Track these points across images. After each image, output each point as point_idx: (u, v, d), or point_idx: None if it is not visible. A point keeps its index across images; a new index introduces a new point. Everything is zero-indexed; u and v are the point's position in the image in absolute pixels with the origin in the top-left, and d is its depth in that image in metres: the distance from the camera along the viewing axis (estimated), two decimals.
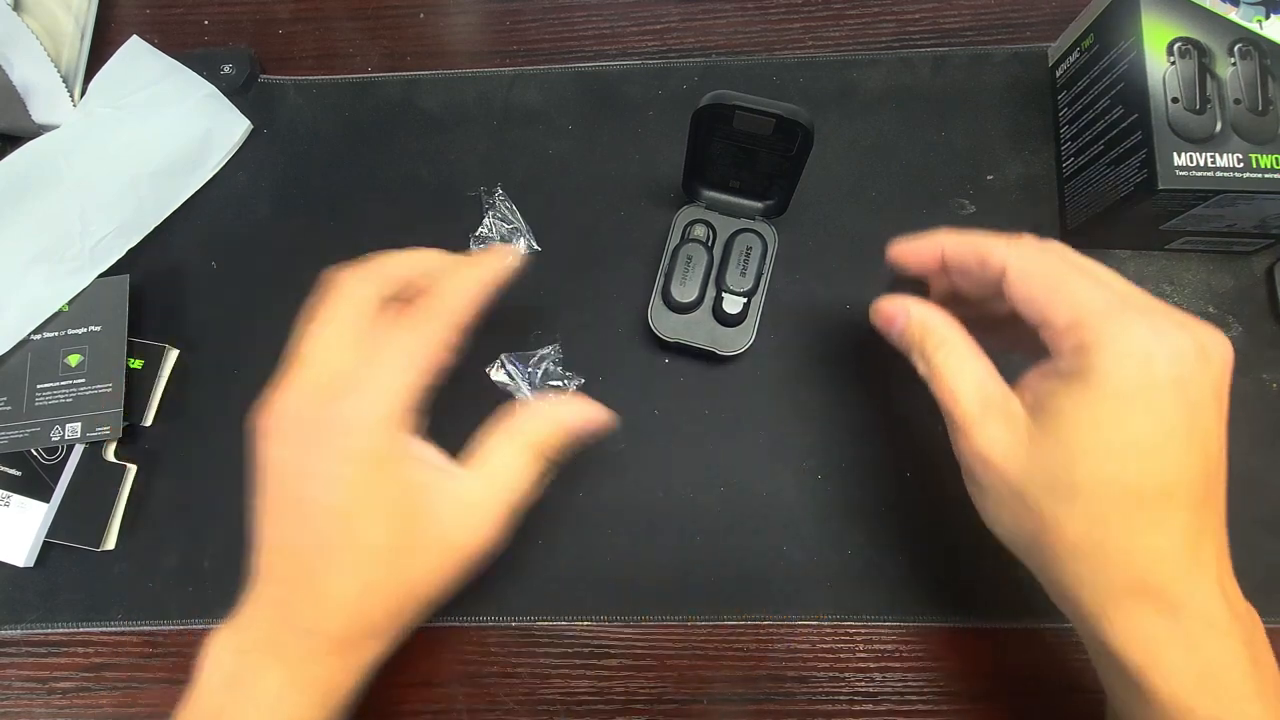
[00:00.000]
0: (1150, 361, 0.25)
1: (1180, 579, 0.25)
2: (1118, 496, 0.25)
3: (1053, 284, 0.27)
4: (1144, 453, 0.25)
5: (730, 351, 0.41)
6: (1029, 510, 0.27)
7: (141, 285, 0.45)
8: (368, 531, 0.29)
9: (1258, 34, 0.38)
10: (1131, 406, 0.25)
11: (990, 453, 0.27)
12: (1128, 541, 0.25)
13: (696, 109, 0.36)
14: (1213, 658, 0.25)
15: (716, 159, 0.40)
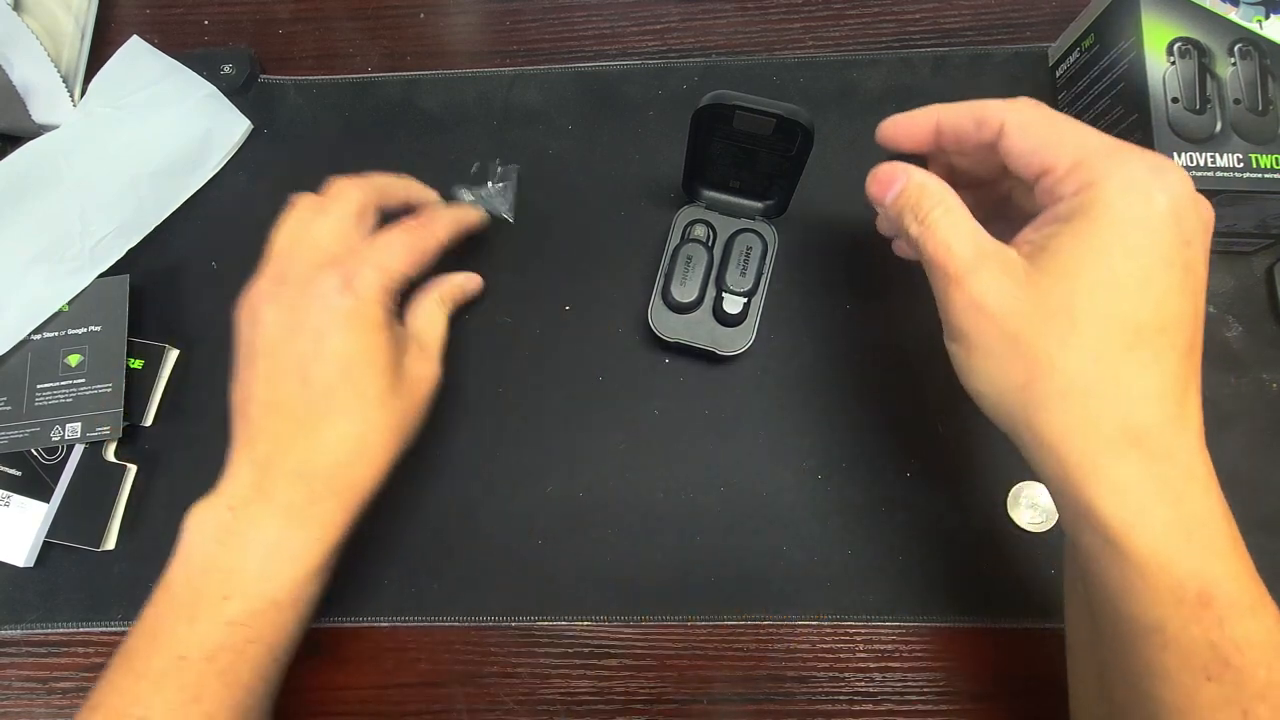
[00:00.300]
0: (1151, 193, 0.25)
1: (1168, 425, 0.25)
2: (1117, 330, 0.25)
3: (1053, 131, 0.27)
4: (1143, 284, 0.25)
5: (730, 351, 0.41)
6: (1021, 355, 0.26)
7: (141, 285, 0.45)
8: (365, 377, 0.33)
9: (1258, 34, 0.38)
10: (1134, 236, 0.25)
11: (985, 298, 0.27)
12: (1123, 379, 0.25)
13: (696, 109, 0.36)
14: (1194, 511, 0.25)
15: (717, 159, 0.40)
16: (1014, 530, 0.40)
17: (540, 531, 0.41)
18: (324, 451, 0.33)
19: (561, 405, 0.43)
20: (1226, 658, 0.24)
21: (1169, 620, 0.25)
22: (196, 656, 0.31)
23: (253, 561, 0.32)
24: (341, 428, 0.33)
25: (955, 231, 0.28)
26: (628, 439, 0.42)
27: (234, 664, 0.31)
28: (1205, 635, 0.24)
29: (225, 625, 0.31)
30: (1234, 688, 0.24)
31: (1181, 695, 0.25)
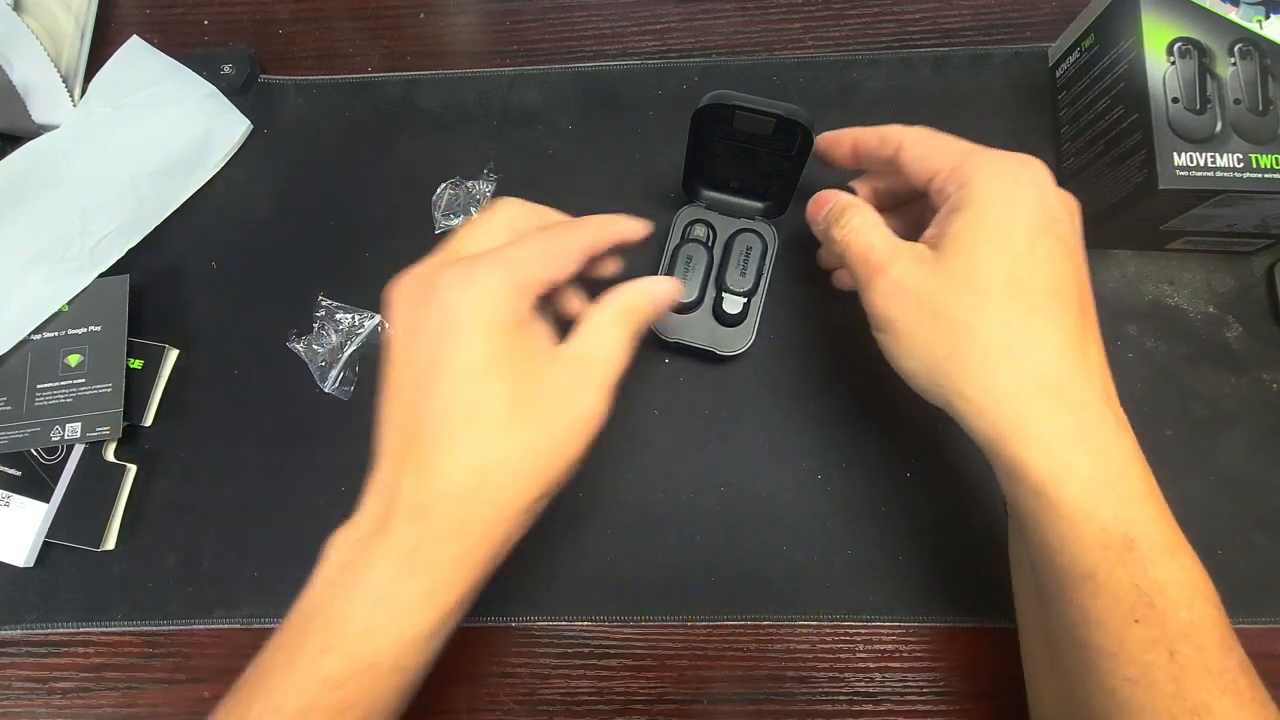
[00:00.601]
0: (1017, 179, 0.30)
1: (1076, 378, 0.28)
2: (1016, 295, 0.28)
3: (937, 143, 0.33)
4: (1027, 251, 0.29)
5: (730, 351, 0.41)
6: (943, 328, 0.29)
7: (141, 285, 0.45)
8: (487, 393, 0.27)
9: (1258, 34, 0.38)
10: (1010, 214, 0.29)
11: (906, 280, 0.31)
12: (1031, 338, 0.28)
13: (696, 109, 0.36)
14: (1112, 459, 0.27)
15: (716, 159, 0.40)
16: None
17: (540, 531, 0.41)
18: (438, 483, 0.27)
19: None
20: (1151, 599, 0.26)
21: (1098, 566, 0.27)
22: (289, 711, 0.27)
23: (359, 610, 0.27)
24: (460, 455, 0.27)
25: (873, 233, 0.33)
26: (628, 439, 0.42)
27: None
28: (1130, 578, 0.26)
29: (319, 683, 0.27)
30: (1159, 628, 0.26)
31: (1112, 640, 0.27)
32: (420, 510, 0.27)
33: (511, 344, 0.28)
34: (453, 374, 0.28)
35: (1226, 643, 0.26)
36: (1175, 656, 0.26)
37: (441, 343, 0.28)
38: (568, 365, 0.29)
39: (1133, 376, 0.42)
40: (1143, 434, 0.41)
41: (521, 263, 0.29)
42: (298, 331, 0.44)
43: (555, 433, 0.29)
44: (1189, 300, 0.43)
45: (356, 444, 0.42)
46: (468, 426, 0.27)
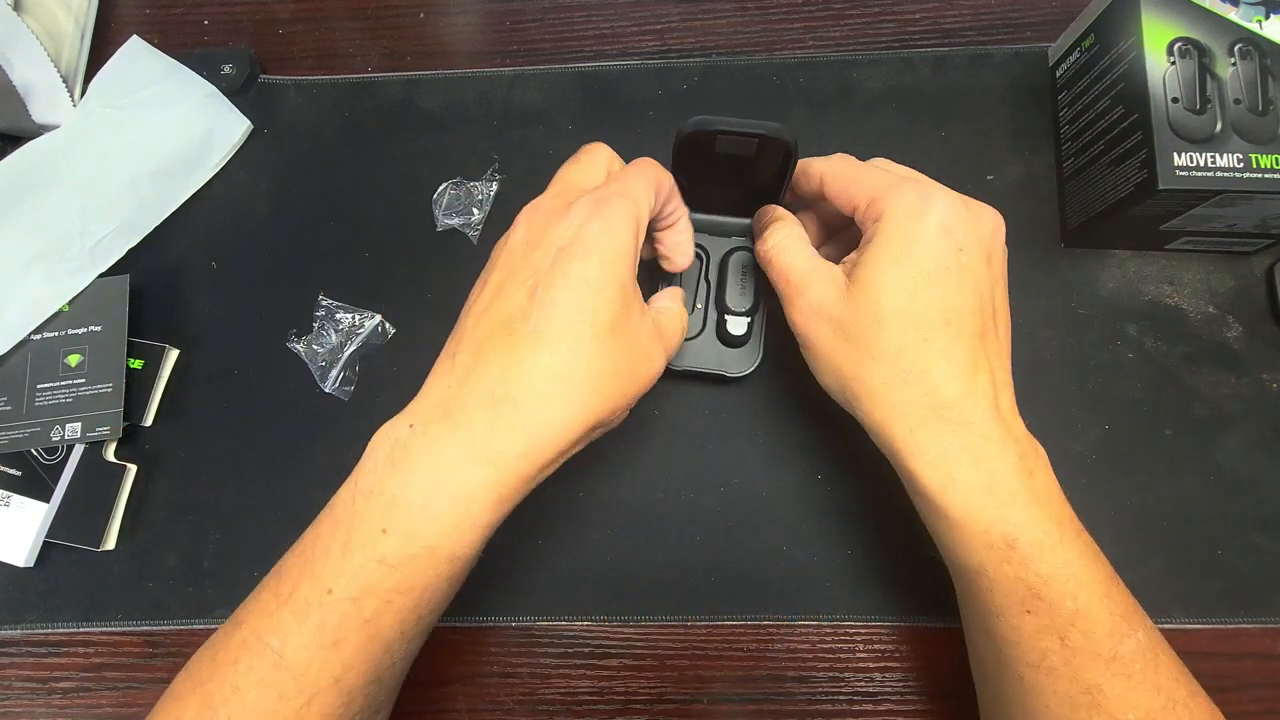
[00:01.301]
0: (922, 214, 0.31)
1: (963, 399, 0.30)
2: (912, 326, 0.30)
3: (854, 176, 0.34)
4: (925, 285, 0.31)
5: (739, 372, 0.40)
6: (849, 352, 0.32)
7: (141, 285, 0.45)
8: (595, 308, 0.29)
9: (1258, 34, 0.38)
10: (913, 250, 0.31)
11: (820, 305, 0.33)
12: (925, 364, 0.30)
13: (678, 137, 0.35)
14: (993, 469, 0.30)
15: (702, 181, 0.39)
16: None
17: (540, 531, 0.41)
18: (524, 375, 0.28)
19: None
20: (1037, 591, 0.29)
21: (987, 563, 0.30)
22: (342, 595, 0.27)
23: (418, 492, 0.27)
24: (553, 353, 0.28)
25: (795, 253, 0.35)
26: (627, 439, 0.42)
27: (379, 615, 0.27)
28: (1016, 574, 0.29)
29: (377, 564, 0.27)
30: (1049, 616, 0.29)
31: (1009, 628, 0.30)
32: (500, 399, 0.28)
33: (624, 269, 0.30)
34: (574, 281, 0.29)
35: (1118, 630, 0.29)
36: (1066, 641, 0.29)
37: (570, 255, 0.29)
38: (651, 321, 0.33)
39: (1133, 376, 0.42)
40: (1143, 434, 0.41)
41: (637, 197, 0.31)
42: (298, 331, 0.44)
43: (628, 369, 0.30)
44: (1189, 300, 0.43)
45: (356, 444, 0.43)
46: (570, 332, 0.28)
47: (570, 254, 0.29)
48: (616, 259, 0.29)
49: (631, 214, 0.30)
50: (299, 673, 0.27)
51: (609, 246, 0.29)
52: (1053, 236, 0.45)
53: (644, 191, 0.32)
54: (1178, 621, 0.39)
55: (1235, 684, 0.39)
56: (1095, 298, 0.43)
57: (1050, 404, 0.42)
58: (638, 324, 0.31)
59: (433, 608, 0.29)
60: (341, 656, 0.27)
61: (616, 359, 0.29)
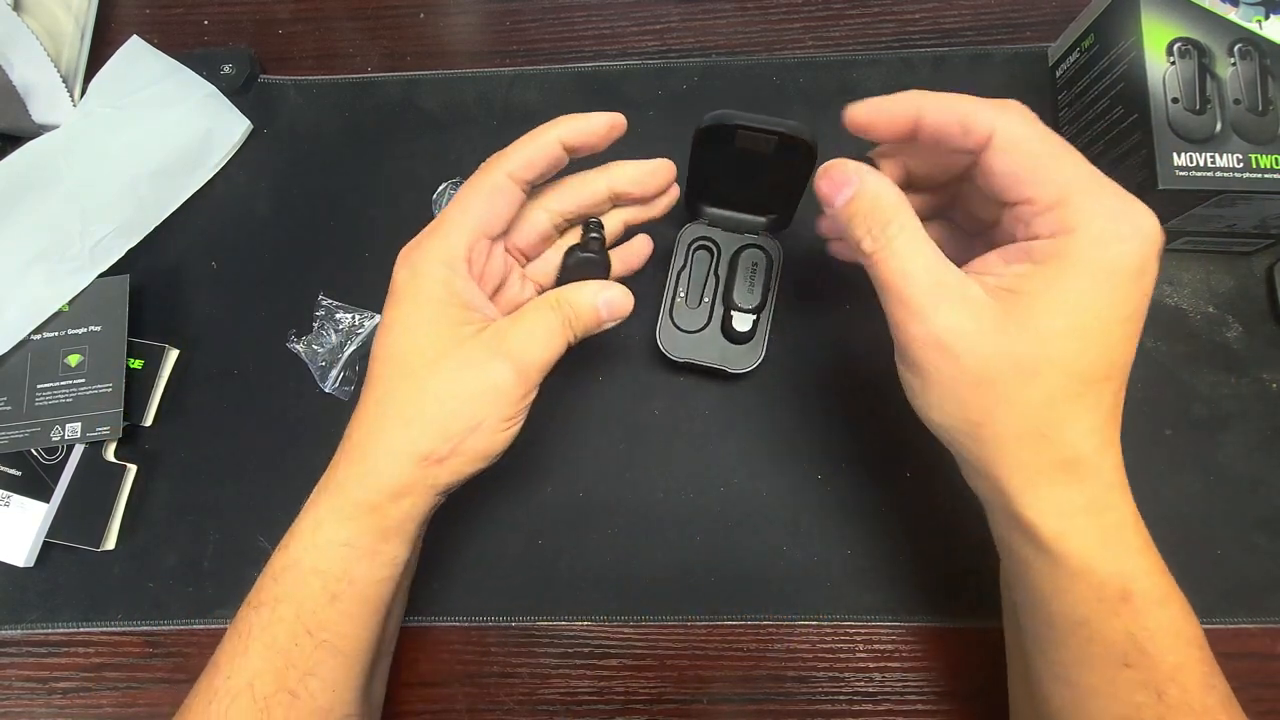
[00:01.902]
0: (1125, 249, 0.25)
1: (1098, 452, 0.27)
2: (1072, 380, 0.26)
3: (1041, 158, 0.27)
4: (1102, 338, 0.26)
5: (741, 369, 0.40)
6: (979, 397, 0.27)
7: (141, 285, 0.45)
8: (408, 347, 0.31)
9: (1258, 34, 0.38)
10: (1103, 293, 0.25)
11: (947, 337, 0.27)
12: (1069, 419, 0.26)
13: (698, 129, 0.35)
14: (1114, 520, 0.28)
15: (718, 176, 0.39)
16: None
17: (540, 531, 0.41)
18: (358, 415, 0.32)
19: (561, 406, 0.43)
20: (1142, 646, 0.27)
21: (1093, 615, 0.27)
22: (251, 603, 0.31)
23: (303, 520, 0.32)
24: (373, 394, 0.32)
25: (914, 258, 0.28)
26: (628, 439, 0.42)
27: (270, 622, 0.30)
28: (1124, 627, 0.27)
29: (269, 577, 0.31)
30: (1148, 671, 0.27)
31: (1104, 680, 0.27)
32: (345, 437, 0.32)
33: (432, 316, 0.31)
34: (384, 328, 0.32)
35: (1209, 681, 0.28)
36: (1163, 697, 0.27)
37: (388, 302, 0.32)
38: (485, 339, 0.31)
39: (1133, 376, 0.41)
40: (1143, 434, 0.41)
41: (450, 229, 0.32)
42: (297, 331, 0.44)
43: (452, 389, 0.31)
44: (1189, 300, 0.43)
45: None
46: (384, 367, 0.32)
47: (389, 307, 0.32)
48: (424, 300, 0.31)
49: (438, 254, 0.31)
50: (225, 675, 0.30)
51: (415, 289, 0.31)
52: None
53: (457, 218, 0.32)
54: None
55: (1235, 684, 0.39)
56: None
57: None
58: (465, 349, 0.31)
59: (318, 623, 0.31)
60: (250, 663, 0.30)
61: (438, 389, 0.31)
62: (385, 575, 0.32)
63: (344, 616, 0.31)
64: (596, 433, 0.42)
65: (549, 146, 0.33)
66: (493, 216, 0.32)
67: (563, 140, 0.33)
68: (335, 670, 0.31)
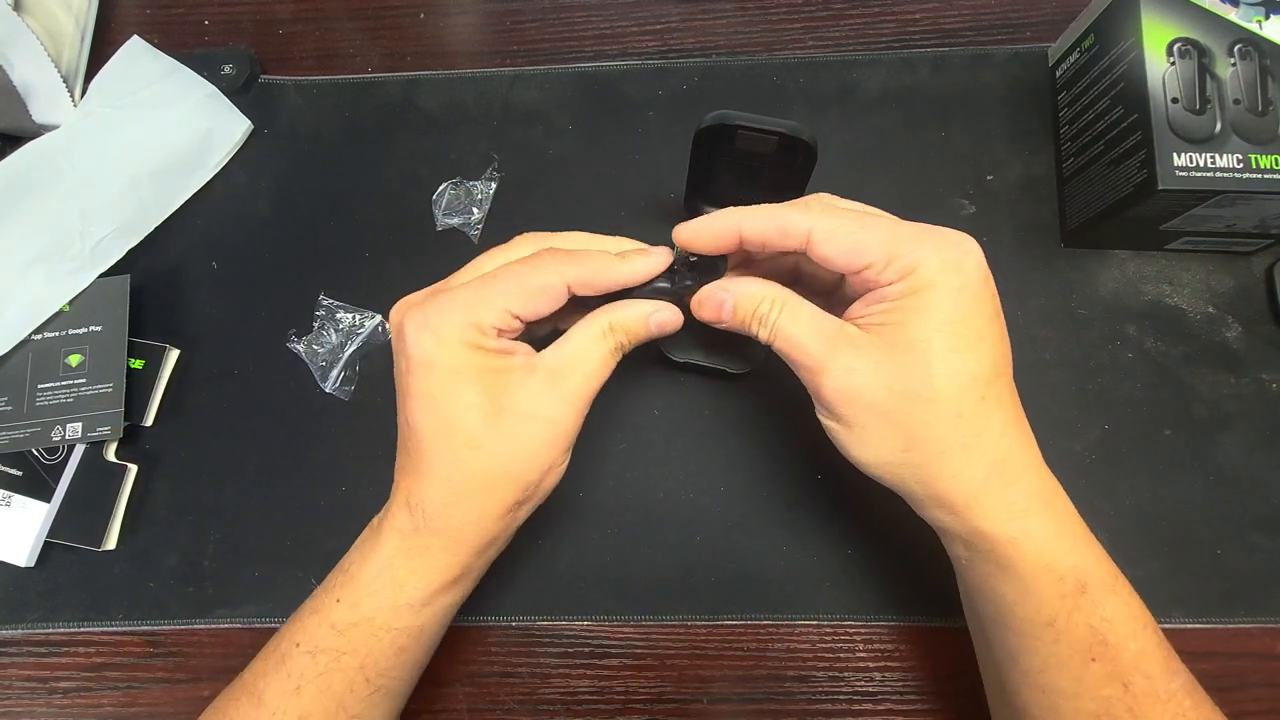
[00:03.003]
0: (962, 265, 0.28)
1: (1019, 446, 0.29)
2: (969, 387, 0.28)
3: (859, 232, 0.29)
4: (979, 341, 0.28)
5: (743, 369, 0.40)
6: (896, 429, 0.29)
7: (141, 285, 0.45)
8: (451, 421, 0.30)
9: (1257, 34, 0.38)
10: (962, 304, 0.28)
11: (849, 383, 0.29)
12: (982, 426, 0.28)
13: (698, 129, 0.35)
14: (1058, 510, 0.29)
15: (719, 177, 0.39)
16: None
17: (540, 531, 0.41)
18: (424, 490, 0.31)
19: None
20: (1104, 637, 0.28)
21: (1058, 614, 0.28)
22: (305, 648, 0.31)
23: (367, 572, 0.32)
24: (437, 469, 0.30)
25: (797, 324, 0.31)
26: (628, 439, 0.42)
27: (329, 670, 0.31)
28: (1085, 620, 0.28)
29: (329, 627, 0.31)
30: (1112, 664, 0.28)
31: (1073, 680, 0.29)
32: (413, 506, 0.31)
33: (463, 380, 0.30)
34: (420, 400, 0.30)
35: (1170, 666, 0.29)
36: (1130, 687, 0.28)
37: (408, 373, 0.31)
38: (538, 376, 0.31)
39: (1133, 376, 0.42)
40: (1143, 434, 0.41)
41: (482, 303, 0.30)
42: (297, 331, 0.44)
43: (522, 443, 0.30)
44: (1188, 300, 0.43)
45: (356, 444, 0.43)
46: (440, 448, 0.30)
47: (411, 374, 0.30)
48: (452, 374, 0.30)
49: (463, 321, 0.30)
50: (271, 711, 0.31)
51: (441, 365, 0.30)
52: (1052, 236, 0.45)
53: (496, 294, 0.30)
54: (1178, 621, 0.39)
55: (1235, 684, 0.39)
56: (1095, 298, 0.43)
57: (1050, 404, 0.42)
58: (518, 393, 0.30)
59: (380, 670, 0.32)
60: (301, 702, 0.31)
61: (501, 443, 0.30)
62: (449, 620, 0.34)
63: (405, 664, 0.32)
64: (596, 433, 0.42)
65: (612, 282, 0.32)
66: (535, 307, 0.30)
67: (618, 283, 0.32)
68: (383, 710, 0.33)
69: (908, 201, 0.45)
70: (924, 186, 0.45)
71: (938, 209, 0.45)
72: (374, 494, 0.42)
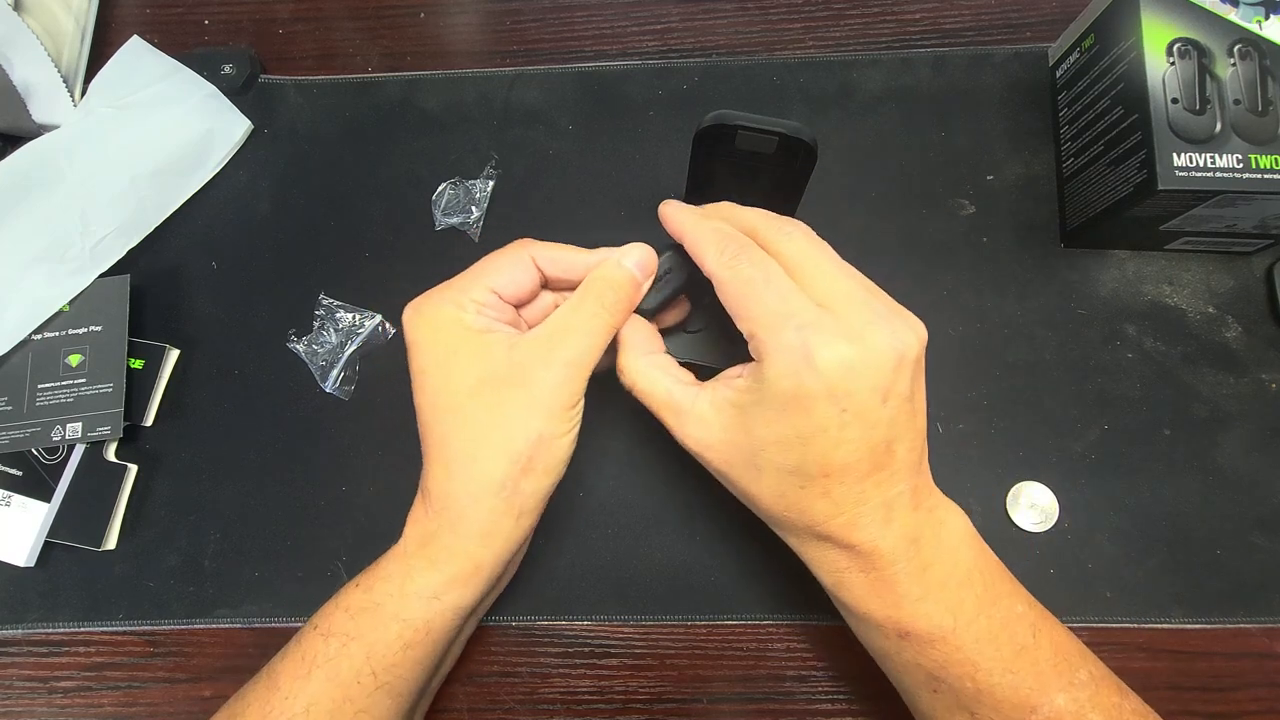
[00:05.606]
0: (798, 376, 0.28)
1: (846, 530, 0.30)
2: (789, 476, 0.30)
3: (740, 299, 0.30)
4: (802, 444, 0.29)
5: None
6: (733, 483, 0.32)
7: (141, 285, 0.45)
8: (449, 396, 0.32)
9: (1257, 34, 0.38)
10: (790, 412, 0.29)
11: (694, 445, 0.32)
12: (804, 505, 0.30)
13: (698, 130, 0.35)
14: (881, 576, 0.30)
15: (719, 177, 0.39)
16: (1014, 530, 0.40)
17: (540, 531, 0.41)
18: (430, 470, 0.33)
19: None
20: (936, 675, 0.30)
21: (888, 650, 0.31)
22: (321, 630, 0.32)
23: (385, 560, 0.33)
24: (434, 447, 0.32)
25: (653, 379, 0.33)
26: (628, 439, 0.42)
27: (338, 655, 0.31)
28: (914, 660, 0.30)
29: (343, 610, 0.32)
30: (952, 696, 0.30)
31: (925, 704, 0.32)
32: (424, 490, 0.33)
33: (462, 346, 0.32)
34: (418, 379, 0.32)
35: (1028, 702, 0.29)
36: (976, 715, 0.30)
37: (409, 358, 0.33)
38: (520, 347, 0.32)
39: (1132, 376, 0.42)
40: (1142, 434, 0.41)
41: (465, 286, 0.33)
42: (297, 331, 0.44)
43: (500, 411, 0.31)
44: (1188, 300, 0.43)
45: (356, 444, 0.43)
46: (435, 420, 0.32)
47: (412, 363, 0.33)
48: (445, 338, 0.32)
49: (450, 300, 0.32)
50: (283, 695, 0.31)
51: (434, 332, 0.32)
52: (1052, 236, 0.45)
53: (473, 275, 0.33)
54: (1177, 621, 0.39)
55: (1235, 683, 0.39)
56: (1095, 298, 0.43)
57: (1050, 404, 0.42)
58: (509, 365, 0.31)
59: (386, 665, 0.32)
60: (310, 688, 0.31)
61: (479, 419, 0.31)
62: (458, 625, 0.34)
63: (411, 662, 0.32)
64: (596, 433, 0.42)
65: (582, 260, 0.34)
66: (509, 280, 0.33)
67: (589, 268, 0.34)
68: (388, 711, 0.32)
69: (908, 201, 0.45)
70: (924, 186, 0.45)
71: (938, 209, 0.45)
72: (374, 494, 0.42)
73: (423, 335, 0.32)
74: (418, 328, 0.32)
